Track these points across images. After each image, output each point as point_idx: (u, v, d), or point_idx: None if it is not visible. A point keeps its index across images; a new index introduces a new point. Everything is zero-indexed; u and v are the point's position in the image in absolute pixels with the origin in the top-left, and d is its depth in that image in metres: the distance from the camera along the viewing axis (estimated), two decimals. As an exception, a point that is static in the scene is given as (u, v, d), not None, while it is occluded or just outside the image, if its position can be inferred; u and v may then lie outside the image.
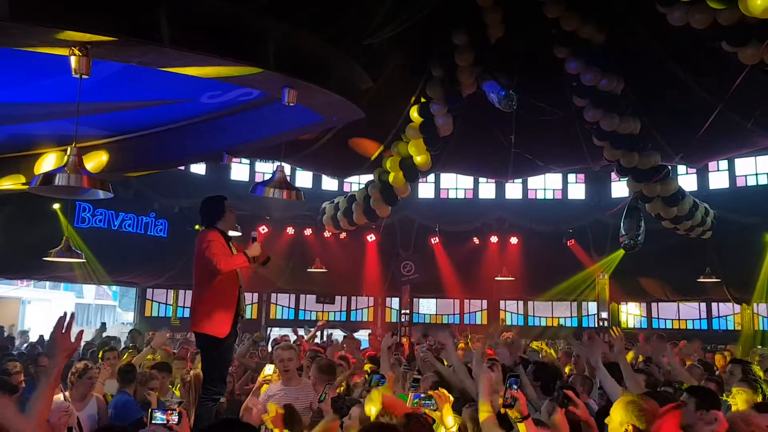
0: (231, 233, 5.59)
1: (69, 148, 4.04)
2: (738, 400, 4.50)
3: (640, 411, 2.91)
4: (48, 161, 7.27)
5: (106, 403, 5.57)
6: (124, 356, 7.62)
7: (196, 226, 12.28)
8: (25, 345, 12.93)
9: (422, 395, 3.46)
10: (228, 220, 5.37)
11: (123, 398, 5.60)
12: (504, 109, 10.31)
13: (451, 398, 3.67)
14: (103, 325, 11.77)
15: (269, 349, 9.96)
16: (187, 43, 4.28)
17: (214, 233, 5.18)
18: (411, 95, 11.53)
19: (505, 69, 10.68)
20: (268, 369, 5.68)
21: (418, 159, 11.72)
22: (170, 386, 6.57)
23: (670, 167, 11.97)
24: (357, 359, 8.32)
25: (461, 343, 9.69)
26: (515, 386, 3.06)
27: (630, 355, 7.49)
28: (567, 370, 7.87)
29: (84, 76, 3.99)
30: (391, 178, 12.03)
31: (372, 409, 3.48)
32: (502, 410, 3.09)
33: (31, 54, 4.29)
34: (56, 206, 12.60)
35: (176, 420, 2.09)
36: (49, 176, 4.00)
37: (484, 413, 3.22)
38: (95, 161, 7.16)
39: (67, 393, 5.24)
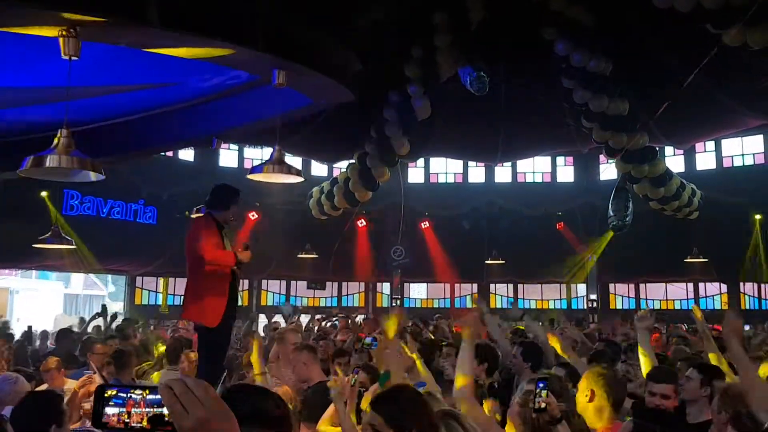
0: None
1: (60, 131, 3.99)
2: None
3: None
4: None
5: None
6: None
7: (186, 213, 12.24)
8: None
9: None
10: (227, 214, 5.23)
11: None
12: (475, 92, 10.26)
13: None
14: (104, 307, 11.37)
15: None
16: (176, 24, 4.24)
17: (210, 221, 5.10)
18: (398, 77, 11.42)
19: (491, 52, 10.61)
20: None
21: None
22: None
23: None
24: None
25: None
26: (545, 390, 2.96)
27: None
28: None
29: (73, 58, 3.94)
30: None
31: None
32: (534, 415, 3.02)
33: (16, 37, 4.23)
34: (44, 194, 12.48)
35: None
36: (39, 158, 3.95)
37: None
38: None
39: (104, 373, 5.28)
